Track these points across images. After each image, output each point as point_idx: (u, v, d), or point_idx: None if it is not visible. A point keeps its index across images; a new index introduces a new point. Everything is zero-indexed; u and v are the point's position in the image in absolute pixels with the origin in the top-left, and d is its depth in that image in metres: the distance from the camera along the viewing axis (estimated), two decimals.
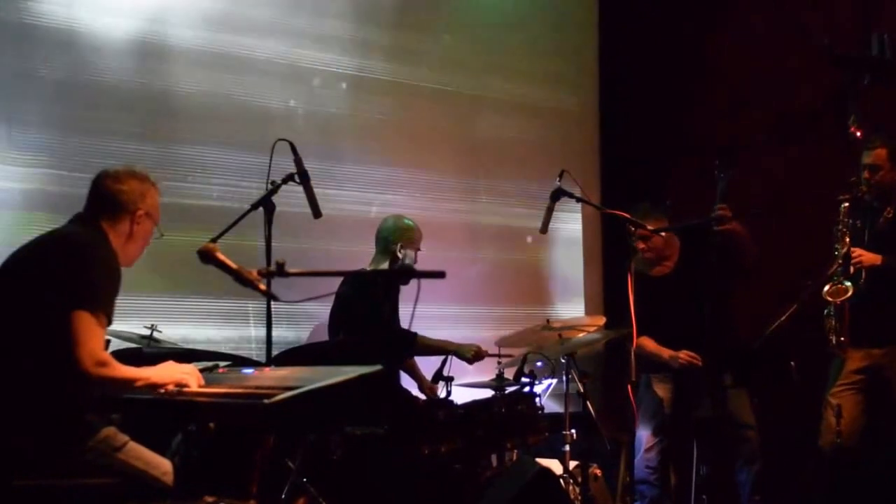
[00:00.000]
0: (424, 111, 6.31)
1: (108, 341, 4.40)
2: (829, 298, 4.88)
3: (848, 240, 4.90)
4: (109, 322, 3.21)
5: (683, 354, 5.17)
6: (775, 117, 6.17)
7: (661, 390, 5.32)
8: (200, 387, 3.20)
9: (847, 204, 4.95)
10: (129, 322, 4.61)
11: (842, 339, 4.89)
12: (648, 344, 5.26)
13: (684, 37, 6.74)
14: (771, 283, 5.42)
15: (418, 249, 5.20)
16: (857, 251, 4.85)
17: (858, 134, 5.00)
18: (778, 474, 5.24)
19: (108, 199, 3.39)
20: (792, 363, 5.01)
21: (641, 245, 5.31)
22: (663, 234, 5.24)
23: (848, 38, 5.77)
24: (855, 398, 4.93)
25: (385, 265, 5.11)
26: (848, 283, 4.84)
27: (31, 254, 3.31)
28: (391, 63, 6.18)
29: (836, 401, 4.90)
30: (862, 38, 5.68)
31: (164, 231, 3.52)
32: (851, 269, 4.85)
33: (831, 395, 4.95)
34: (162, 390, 3.18)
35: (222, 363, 3.66)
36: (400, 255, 5.10)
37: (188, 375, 3.22)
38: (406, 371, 5.38)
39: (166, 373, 3.23)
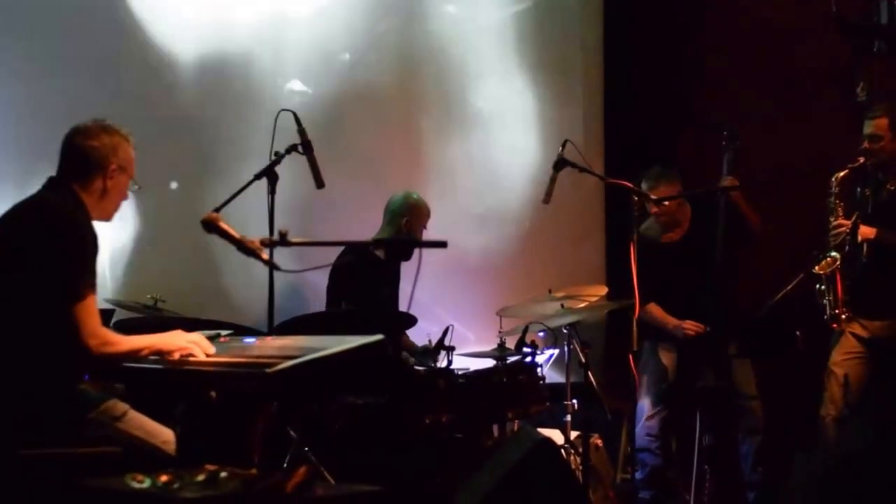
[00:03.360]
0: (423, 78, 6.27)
1: (111, 311, 4.44)
2: (818, 271, 4.85)
3: (841, 211, 4.86)
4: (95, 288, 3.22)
5: (688, 324, 5.17)
6: (781, 87, 6.11)
7: (666, 358, 5.32)
8: (209, 356, 3.21)
9: (841, 174, 4.90)
10: None
11: (836, 311, 4.86)
12: (656, 311, 5.26)
13: (687, 5, 6.67)
14: (776, 253, 5.40)
15: (424, 227, 5.22)
16: (846, 223, 4.80)
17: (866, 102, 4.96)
18: (781, 445, 5.23)
19: (79, 158, 3.36)
20: (797, 333, 4.99)
21: (655, 210, 5.26)
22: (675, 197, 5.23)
23: (856, 6, 5.71)
24: (861, 368, 4.91)
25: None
26: (834, 254, 4.81)
27: (12, 231, 3.27)
28: None
29: (842, 371, 4.88)
30: (870, 6, 5.63)
31: (139, 183, 3.50)
32: (859, 238, 4.80)
33: (835, 365, 4.92)
34: (167, 358, 3.19)
35: (224, 332, 3.66)
36: (405, 230, 5.12)
37: (194, 344, 3.23)
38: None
39: (173, 340, 3.24)
